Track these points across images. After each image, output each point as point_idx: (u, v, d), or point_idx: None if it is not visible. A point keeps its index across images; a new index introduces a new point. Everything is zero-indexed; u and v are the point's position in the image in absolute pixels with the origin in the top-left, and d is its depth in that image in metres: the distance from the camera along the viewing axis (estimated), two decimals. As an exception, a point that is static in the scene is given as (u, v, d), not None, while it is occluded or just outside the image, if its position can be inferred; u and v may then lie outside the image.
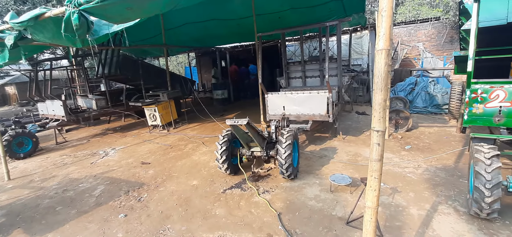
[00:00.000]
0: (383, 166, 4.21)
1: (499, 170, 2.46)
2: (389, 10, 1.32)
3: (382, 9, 1.32)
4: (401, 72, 9.63)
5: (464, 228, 2.63)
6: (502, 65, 4.98)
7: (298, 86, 6.68)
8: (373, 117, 1.41)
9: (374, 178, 1.41)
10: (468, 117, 3.60)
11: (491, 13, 4.64)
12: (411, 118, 5.96)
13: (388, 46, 1.34)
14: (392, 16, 1.38)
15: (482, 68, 5.47)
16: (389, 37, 1.33)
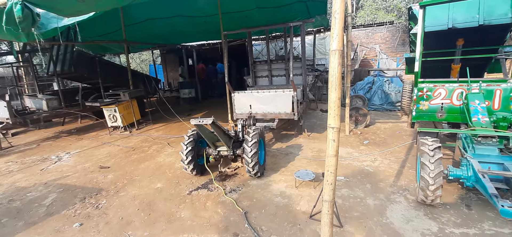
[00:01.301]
0: (345, 161, 4.50)
1: (441, 161, 2.75)
2: (341, 13, 1.40)
3: (335, 11, 1.39)
4: (360, 72, 10.25)
5: (412, 214, 2.89)
6: (446, 66, 5.56)
7: (265, 85, 6.77)
8: (328, 115, 1.49)
9: (330, 173, 1.49)
10: (416, 113, 3.97)
11: (435, 19, 5.16)
12: (369, 115, 6.40)
13: (341, 47, 1.42)
14: (344, 18, 1.46)
15: (429, 69, 6.06)
16: (341, 38, 1.41)
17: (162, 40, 11.33)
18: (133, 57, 27.53)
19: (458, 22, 4.84)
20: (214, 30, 8.33)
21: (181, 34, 10.44)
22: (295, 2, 7.16)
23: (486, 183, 2.35)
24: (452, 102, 3.63)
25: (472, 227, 2.60)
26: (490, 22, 4.55)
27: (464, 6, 4.83)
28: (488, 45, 4.87)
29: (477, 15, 4.65)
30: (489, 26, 4.58)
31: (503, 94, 3.28)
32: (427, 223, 2.72)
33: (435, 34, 5.24)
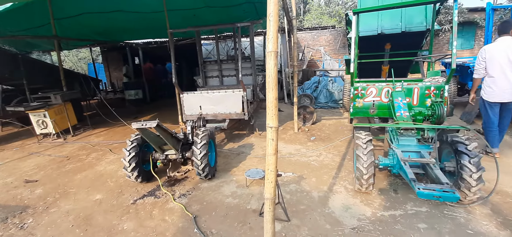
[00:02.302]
0: (294, 157, 4.71)
1: (372, 152, 3.07)
2: (276, 16, 1.45)
3: (269, 14, 1.45)
4: (307, 72, 10.86)
5: (350, 202, 3.17)
6: (378, 67, 6.24)
7: (216, 85, 6.70)
8: (267, 114, 1.54)
9: (270, 171, 1.55)
10: (353, 110, 4.37)
11: (367, 25, 5.75)
12: (316, 113, 6.81)
13: (276, 48, 1.48)
14: (278, 21, 1.53)
15: (365, 69, 6.74)
16: (276, 40, 1.46)
17: (103, 36, 10.34)
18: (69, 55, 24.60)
19: (386, 29, 5.48)
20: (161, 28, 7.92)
21: (124, 31, 9.67)
22: (244, 2, 7.22)
23: (407, 170, 2.72)
24: (382, 100, 4.09)
25: (398, 209, 2.97)
26: (410, 29, 5.26)
27: (390, 15, 5.48)
28: (410, 49, 5.63)
29: (400, 23, 5.33)
30: (409, 32, 5.29)
31: (420, 92, 3.82)
32: (362, 209, 3.02)
33: (368, 39, 5.85)
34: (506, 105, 3.86)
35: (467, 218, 2.73)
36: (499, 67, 3.69)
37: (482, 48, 3.91)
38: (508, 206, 2.90)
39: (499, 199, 3.03)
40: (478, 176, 2.66)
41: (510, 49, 3.63)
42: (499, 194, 3.12)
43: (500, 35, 3.76)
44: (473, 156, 2.69)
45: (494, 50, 3.74)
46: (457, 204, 2.92)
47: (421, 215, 2.83)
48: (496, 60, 3.71)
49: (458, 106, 7.04)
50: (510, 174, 3.55)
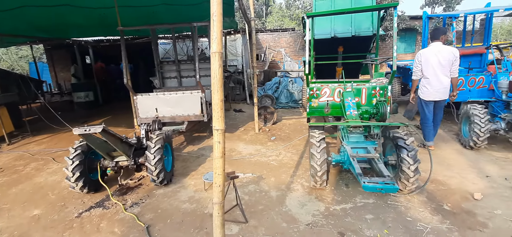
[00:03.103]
0: (254, 158, 4.74)
1: (325, 150, 3.22)
2: (219, 16, 1.43)
3: (213, 14, 1.42)
4: (269, 73, 11.06)
5: (306, 199, 3.29)
6: (333, 68, 6.57)
7: (174, 86, 6.46)
8: (213, 117, 1.51)
9: (218, 175, 1.52)
10: (309, 110, 4.54)
11: (322, 29, 6.04)
12: (276, 113, 6.96)
13: (221, 49, 1.46)
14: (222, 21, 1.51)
15: (322, 71, 7.07)
16: (220, 40, 1.44)
17: (46, 33, 9.30)
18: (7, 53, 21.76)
19: (338, 33, 5.81)
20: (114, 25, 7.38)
21: (71, 27, 8.80)
22: (203, 2, 7.08)
23: (355, 165, 2.90)
24: (334, 99, 4.32)
25: (349, 202, 3.16)
26: (359, 34, 5.65)
27: (341, 20, 5.83)
28: (360, 52, 6.04)
29: (350, 28, 5.69)
30: (359, 36, 5.68)
31: (367, 92, 4.12)
32: (317, 205, 3.14)
33: (323, 41, 6.16)
34: (438, 103, 4.34)
35: (407, 206, 3.00)
36: (433, 69, 4.14)
37: (418, 52, 4.35)
38: (441, 193, 3.25)
39: (433, 187, 3.39)
40: (415, 167, 2.95)
41: (440, 54, 4.09)
42: (433, 182, 3.49)
43: (433, 41, 4.23)
44: (411, 149, 2.97)
45: (428, 54, 4.19)
46: (399, 194, 3.20)
47: (368, 207, 3.04)
48: (430, 63, 4.16)
49: (402, 104, 7.75)
50: (442, 164, 4.00)
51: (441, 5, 27.33)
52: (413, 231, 2.62)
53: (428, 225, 2.68)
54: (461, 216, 2.79)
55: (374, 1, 5.70)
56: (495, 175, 3.55)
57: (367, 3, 5.66)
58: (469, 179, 3.51)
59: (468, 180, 3.49)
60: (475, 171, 3.71)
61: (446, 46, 4.17)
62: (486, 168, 3.78)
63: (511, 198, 3.02)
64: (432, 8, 28.16)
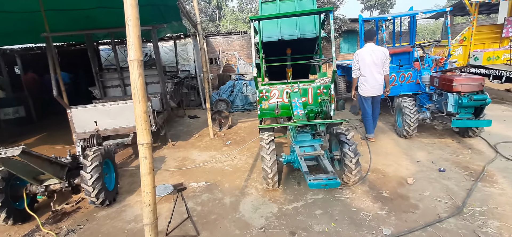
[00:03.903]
0: (208, 165, 4.61)
1: (274, 152, 3.26)
2: (135, 20, 1.32)
3: (127, 18, 1.30)
4: (223, 76, 10.96)
5: (260, 202, 3.29)
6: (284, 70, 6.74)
7: (118, 95, 5.97)
8: (137, 130, 1.39)
9: (147, 193, 1.40)
10: (260, 112, 4.57)
11: (270, 32, 6.16)
12: (231, 117, 6.90)
13: (139, 56, 1.35)
14: (139, 25, 1.40)
15: (274, 73, 7.22)
16: (138, 47, 1.33)
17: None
18: None
19: (285, 35, 5.99)
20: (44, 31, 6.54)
21: (-11, 34, 7.58)
22: (146, 5, 6.69)
23: (302, 163, 2.99)
24: (284, 100, 4.43)
25: (300, 200, 3.24)
26: (304, 36, 5.90)
27: (287, 23, 6.03)
28: (306, 53, 6.31)
29: (296, 30, 5.92)
30: (304, 38, 5.93)
31: (313, 91, 4.30)
32: (270, 207, 3.16)
33: (272, 44, 6.29)
34: (375, 98, 4.74)
35: (352, 197, 3.20)
36: (368, 68, 4.51)
37: (355, 52, 4.70)
38: (380, 181, 3.54)
39: (374, 176, 3.68)
40: (356, 160, 3.16)
41: (374, 53, 4.47)
42: (374, 172, 3.79)
43: (366, 42, 4.60)
44: (351, 144, 3.17)
45: (363, 54, 4.55)
46: (344, 186, 3.40)
47: (318, 202, 3.16)
48: (365, 63, 4.52)
49: (348, 100, 8.33)
50: (381, 154, 4.36)
51: (377, 9, 30.29)
52: (357, 220, 2.79)
53: (370, 213, 2.88)
54: (397, 201, 3.06)
55: (315, 6, 6.02)
56: (424, 160, 4.00)
57: (309, 8, 5.94)
58: (403, 166, 3.89)
59: (402, 167, 3.86)
60: (408, 158, 4.13)
61: (378, 46, 4.58)
62: (417, 154, 4.23)
63: (437, 180, 3.42)
64: (370, 12, 31.04)
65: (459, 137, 4.66)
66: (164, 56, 10.69)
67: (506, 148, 4.10)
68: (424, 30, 33.51)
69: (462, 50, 6.94)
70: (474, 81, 3.92)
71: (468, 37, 6.78)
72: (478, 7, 6.63)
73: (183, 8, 4.87)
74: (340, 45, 13.34)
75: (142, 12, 6.22)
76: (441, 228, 2.56)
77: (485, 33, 7.24)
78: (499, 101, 6.76)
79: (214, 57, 13.44)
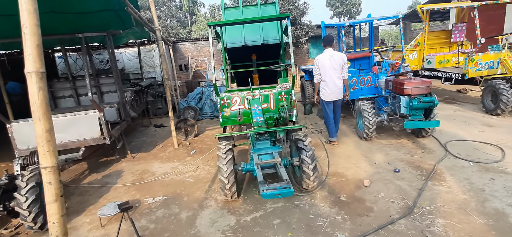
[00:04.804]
0: (168, 177, 4.38)
1: (231, 161, 3.15)
2: (33, 27, 1.16)
3: (23, 25, 1.14)
4: (191, 83, 10.70)
5: (218, 215, 3.15)
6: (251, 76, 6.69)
7: (71, 107, 5.54)
8: (39, 152, 1.21)
9: (53, 224, 1.22)
10: (222, 120, 4.46)
11: (234, 38, 6.10)
12: (197, 125, 6.69)
13: (40, 68, 1.19)
14: (39, 33, 1.23)
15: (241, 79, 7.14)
16: (38, 57, 1.17)
17: None
18: None
19: (249, 41, 5.96)
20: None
21: None
22: (103, 10, 6.32)
23: (258, 173, 2.92)
24: (245, 107, 4.35)
25: (260, 210, 3.16)
26: (268, 42, 5.91)
27: (251, 29, 6.01)
28: (271, 59, 6.32)
29: (259, 36, 5.91)
30: (268, 44, 5.94)
31: (275, 97, 4.28)
32: (228, 219, 3.04)
33: (237, 50, 6.23)
34: (336, 102, 4.83)
35: (311, 203, 3.17)
36: (328, 73, 4.59)
37: (316, 58, 4.77)
38: (339, 184, 3.57)
39: (334, 180, 3.71)
40: (313, 166, 3.15)
41: (332, 58, 4.56)
42: (334, 175, 3.82)
43: (326, 47, 4.69)
44: (309, 150, 3.15)
45: (323, 59, 4.62)
46: (304, 193, 3.37)
47: (277, 211, 3.09)
48: (325, 68, 4.60)
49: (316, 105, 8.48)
50: (343, 157, 4.43)
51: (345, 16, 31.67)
52: (314, 228, 2.76)
53: (327, 219, 2.87)
54: (353, 204, 3.09)
55: (278, 12, 6.07)
56: (381, 161, 4.12)
57: (272, 14, 5.98)
58: (362, 168, 3.97)
59: (361, 169, 3.94)
60: (367, 160, 4.23)
61: (337, 52, 4.69)
62: (375, 155, 4.35)
63: (391, 181, 3.52)
64: (339, 18, 32.35)
65: (414, 137, 4.88)
66: (128, 63, 10.23)
67: (455, 146, 4.36)
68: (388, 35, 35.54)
69: (417, 54, 7.39)
70: (423, 84, 4.13)
71: (422, 42, 7.24)
72: (429, 15, 7.10)
73: (134, 14, 4.64)
74: (309, 50, 13.66)
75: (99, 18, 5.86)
76: (392, 230, 2.60)
77: (436, 38, 7.78)
78: (451, 101, 7.26)
79: (183, 64, 13.11)
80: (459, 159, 3.90)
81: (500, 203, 2.82)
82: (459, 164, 3.76)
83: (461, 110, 6.42)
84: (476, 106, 6.48)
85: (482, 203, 2.85)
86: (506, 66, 5.86)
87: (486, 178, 3.33)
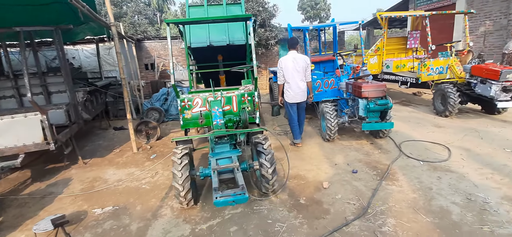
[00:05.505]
0: (122, 184, 4.06)
1: (187, 166, 2.99)
2: None
3: None
4: (157, 83, 10.24)
5: (172, 224, 2.97)
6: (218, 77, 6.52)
7: (12, 108, 4.96)
8: None
9: None
10: (183, 122, 4.25)
11: (198, 37, 5.90)
12: (160, 127, 6.37)
13: None
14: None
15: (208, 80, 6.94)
16: None
17: None
18: None
19: (214, 41, 5.81)
20: None
21: None
22: (54, 2, 5.76)
23: (213, 179, 2.79)
24: (207, 109, 4.20)
25: (217, 217, 3.03)
26: (234, 42, 5.81)
27: (216, 29, 5.86)
28: (238, 60, 6.22)
29: (225, 37, 5.78)
30: (234, 45, 5.84)
31: (237, 99, 4.18)
32: (182, 229, 2.87)
33: (202, 50, 6.04)
34: (300, 104, 4.87)
35: (270, 208, 3.12)
36: (291, 75, 4.60)
37: (279, 59, 4.76)
38: (300, 187, 3.57)
39: (295, 182, 3.70)
40: (272, 170, 3.10)
41: (296, 61, 4.59)
42: (296, 178, 3.81)
43: (290, 50, 4.70)
44: (268, 153, 3.10)
45: (287, 61, 4.63)
46: (264, 196, 3.31)
47: (235, 218, 2.99)
48: (289, 70, 4.61)
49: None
50: (306, 159, 4.46)
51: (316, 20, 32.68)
52: (271, 233, 2.70)
53: (284, 223, 2.83)
54: (311, 207, 3.09)
55: (244, 12, 5.99)
56: (341, 162, 4.20)
57: (238, 13, 5.88)
58: (323, 170, 4.01)
59: (322, 171, 3.98)
60: (329, 161, 4.30)
61: (300, 54, 4.72)
62: (336, 157, 4.44)
63: (349, 182, 3.59)
64: (310, 22, 33.28)
65: (373, 138, 5.08)
66: (85, 61, 9.51)
67: (408, 146, 4.60)
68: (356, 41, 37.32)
69: (377, 59, 7.77)
70: (378, 87, 4.30)
71: (381, 48, 7.63)
72: (387, 22, 7.50)
73: (81, 7, 4.28)
74: (279, 52, 13.78)
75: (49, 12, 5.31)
76: (346, 232, 2.63)
77: (394, 44, 8.27)
78: (407, 103, 7.72)
79: (149, 63, 12.51)
80: (411, 159, 4.11)
81: (445, 201, 3.00)
82: (411, 164, 3.96)
83: (415, 112, 6.84)
84: (428, 108, 6.95)
85: (429, 202, 3.01)
86: (454, 72, 6.36)
87: (434, 177, 3.53)
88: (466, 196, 3.05)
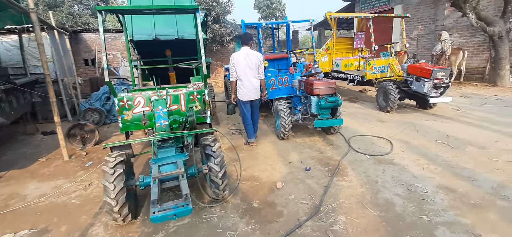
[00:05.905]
0: (45, 201, 3.39)
1: (122, 176, 2.58)
2: None
3: None
4: (97, 80, 9.19)
5: (106, 244, 2.55)
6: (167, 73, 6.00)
7: None
8: None
9: None
10: (122, 124, 3.75)
11: (142, 29, 5.33)
12: (98, 130, 5.63)
13: None
14: None
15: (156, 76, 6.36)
16: None
17: None
18: None
19: (160, 35, 5.32)
20: None
21: None
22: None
23: (153, 188, 2.46)
24: (151, 109, 3.77)
25: (160, 231, 2.69)
26: (183, 37, 5.40)
27: (163, 22, 5.38)
28: (189, 56, 5.81)
29: (173, 30, 5.34)
30: (183, 40, 5.43)
31: (186, 98, 3.84)
32: (117, 249, 2.47)
33: (147, 43, 5.48)
34: (253, 102, 4.72)
35: (220, 215, 2.89)
36: (243, 72, 4.42)
37: (231, 55, 4.54)
38: (253, 189, 3.41)
39: (248, 185, 3.53)
40: (222, 174, 2.87)
41: (248, 57, 4.42)
42: (249, 180, 3.65)
43: (243, 45, 4.51)
44: (217, 156, 2.86)
45: (239, 57, 4.43)
46: (214, 203, 3.07)
47: (181, 230, 2.69)
48: (241, 66, 4.42)
49: (239, 104, 8.37)
50: (260, 159, 4.33)
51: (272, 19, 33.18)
52: (221, 244, 2.48)
53: (236, 231, 2.63)
54: (264, 211, 2.95)
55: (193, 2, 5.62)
56: (295, 160, 4.17)
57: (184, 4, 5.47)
58: (277, 169, 3.92)
59: (276, 170, 3.89)
60: (283, 160, 4.23)
61: (253, 51, 4.56)
62: (290, 155, 4.41)
63: (302, 180, 3.55)
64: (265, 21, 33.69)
65: (325, 134, 5.20)
66: (6, 55, 8.05)
67: (356, 141, 4.80)
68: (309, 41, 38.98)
69: (328, 57, 8.08)
70: (329, 84, 4.38)
71: (331, 47, 7.95)
72: (336, 22, 7.83)
73: None
74: (235, 49, 13.55)
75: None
76: (299, 234, 2.54)
77: (343, 44, 8.71)
78: (355, 100, 8.19)
79: (90, 58, 11.17)
80: (359, 153, 4.27)
81: (389, 193, 3.12)
82: (359, 158, 4.11)
83: (362, 108, 7.27)
84: (372, 104, 7.45)
85: (375, 195, 3.10)
86: (393, 70, 6.91)
87: (379, 170, 3.70)
88: (407, 187, 3.23)
